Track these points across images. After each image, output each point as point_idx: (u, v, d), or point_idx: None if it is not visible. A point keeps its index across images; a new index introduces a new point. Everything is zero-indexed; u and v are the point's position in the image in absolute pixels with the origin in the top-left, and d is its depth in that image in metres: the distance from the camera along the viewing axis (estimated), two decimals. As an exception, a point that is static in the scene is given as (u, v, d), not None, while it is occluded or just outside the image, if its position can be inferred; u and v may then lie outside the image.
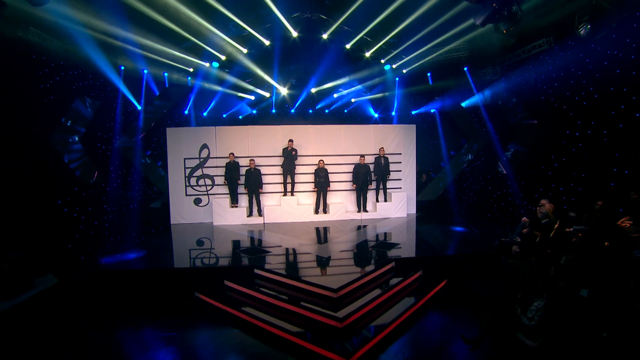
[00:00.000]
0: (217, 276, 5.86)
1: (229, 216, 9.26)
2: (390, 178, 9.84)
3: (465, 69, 11.28)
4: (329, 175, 9.53)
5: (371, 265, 5.97)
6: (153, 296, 5.77)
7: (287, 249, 7.11)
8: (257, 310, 5.04)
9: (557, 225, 5.84)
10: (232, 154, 9.21)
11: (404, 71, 11.76)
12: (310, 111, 12.72)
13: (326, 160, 9.63)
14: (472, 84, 11.07)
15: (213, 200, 9.33)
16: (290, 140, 9.21)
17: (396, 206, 9.75)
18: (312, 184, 9.58)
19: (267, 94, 11.59)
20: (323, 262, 6.20)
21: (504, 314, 3.87)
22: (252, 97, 11.71)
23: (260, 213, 9.42)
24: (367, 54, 10.09)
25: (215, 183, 9.61)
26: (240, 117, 13.08)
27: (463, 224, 8.98)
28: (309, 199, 9.77)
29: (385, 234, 8.11)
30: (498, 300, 4.48)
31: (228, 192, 9.43)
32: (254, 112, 12.98)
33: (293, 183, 9.49)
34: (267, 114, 12.50)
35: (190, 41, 9.29)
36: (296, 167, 9.49)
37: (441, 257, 6.46)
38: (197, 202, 9.62)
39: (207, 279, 5.91)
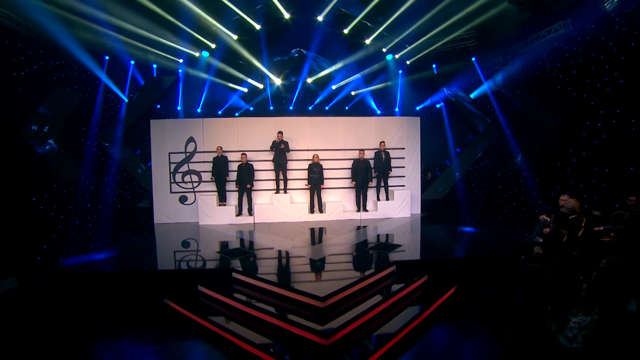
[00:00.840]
0: (190, 280, 5.10)
1: (216, 215, 8.51)
2: (391, 175, 9.04)
3: (473, 59, 10.51)
4: (325, 171, 8.77)
5: (369, 269, 5.17)
6: (118, 302, 5.03)
7: (275, 251, 6.34)
8: (232, 321, 4.27)
9: (584, 223, 5.02)
10: (220, 147, 8.49)
11: (408, 62, 11.03)
12: (310, 108, 11.93)
13: (323, 155, 8.88)
14: (481, 74, 10.28)
15: (199, 197, 8.60)
16: (280, 132, 8.46)
17: (399, 205, 8.94)
18: (307, 181, 8.81)
19: (261, 86, 10.88)
20: (314, 265, 5.41)
21: (532, 330, 3.06)
22: (245, 90, 11.02)
23: (250, 212, 8.67)
24: (367, 41, 9.35)
25: (202, 179, 8.89)
26: (236, 114, 12.39)
27: (473, 225, 8.14)
28: (304, 197, 9.00)
29: (387, 235, 7.30)
30: (522, 313, 3.66)
31: (216, 189, 8.70)
32: (251, 109, 12.29)
33: (286, 180, 8.74)
34: (264, 110, 11.72)
35: (179, 28, 8.66)
36: (289, 162, 8.74)
37: (449, 260, 5.63)
38: (183, 200, 8.90)
39: (179, 283, 5.16)
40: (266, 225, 8.25)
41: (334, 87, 11.00)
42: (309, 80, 10.64)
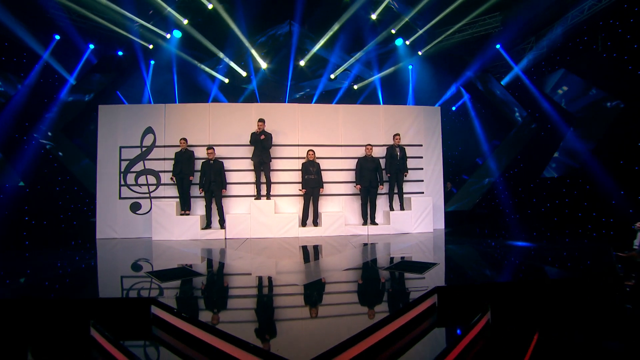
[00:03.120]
0: (80, 317, 2.93)
1: (175, 228, 6.39)
2: (407, 178, 7.02)
3: (498, 46, 8.86)
4: (323, 172, 6.77)
5: (391, 304, 3.02)
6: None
7: (242, 275, 4.20)
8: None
9: None
10: (185, 140, 6.54)
11: (420, 53, 9.37)
12: (313, 101, 9.93)
13: (319, 152, 6.91)
14: (510, 61, 8.57)
15: (154, 204, 6.53)
16: (261, 121, 6.51)
17: (418, 217, 6.83)
18: (298, 185, 6.79)
19: (244, 73, 9.12)
20: (299, 298, 3.26)
21: None
22: (226, 80, 9.24)
23: (222, 224, 6.57)
24: (374, 16, 7.69)
25: (162, 182, 6.87)
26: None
27: (524, 238, 6.01)
28: (294, 206, 6.93)
29: (407, 253, 5.16)
30: None
31: (177, 194, 6.66)
32: None
33: (269, 182, 6.70)
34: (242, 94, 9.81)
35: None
36: (273, 160, 6.77)
37: (521, 284, 3.45)
38: (135, 208, 6.81)
39: (63, 321, 2.99)
40: (242, 242, 6.11)
41: (332, 77, 9.23)
42: (302, 63, 8.86)
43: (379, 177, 6.80)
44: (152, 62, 9.16)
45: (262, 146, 6.45)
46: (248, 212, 6.62)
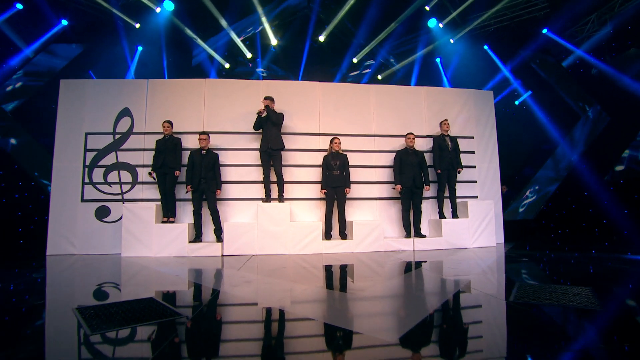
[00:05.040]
0: None
1: (154, 241, 4.68)
2: (460, 178, 5.45)
3: (544, 30, 7.61)
4: (351, 169, 5.17)
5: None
6: None
7: (240, 307, 2.52)
8: None
9: None
10: (169, 123, 4.93)
11: (452, 40, 8.07)
12: (337, 80, 8.35)
13: (345, 143, 5.34)
14: (564, 42, 7.25)
15: (125, 208, 4.83)
16: (268, 99, 4.94)
17: (477, 227, 5.20)
18: (319, 185, 5.17)
19: (249, 54, 7.64)
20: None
21: None
22: (227, 65, 7.76)
23: (218, 236, 4.87)
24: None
25: (139, 180, 5.20)
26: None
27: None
28: (313, 213, 5.28)
29: (462, 279, 3.50)
30: None
31: (159, 195, 4.99)
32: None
33: (281, 180, 5.06)
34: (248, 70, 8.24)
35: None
36: (286, 152, 5.18)
37: None
38: (103, 214, 5.10)
39: None
40: (245, 260, 4.41)
41: (355, 60, 7.80)
42: (321, 38, 7.39)
43: (425, 175, 5.22)
44: (140, 48, 7.74)
45: (271, 124, 4.85)
46: (254, 220, 4.93)
